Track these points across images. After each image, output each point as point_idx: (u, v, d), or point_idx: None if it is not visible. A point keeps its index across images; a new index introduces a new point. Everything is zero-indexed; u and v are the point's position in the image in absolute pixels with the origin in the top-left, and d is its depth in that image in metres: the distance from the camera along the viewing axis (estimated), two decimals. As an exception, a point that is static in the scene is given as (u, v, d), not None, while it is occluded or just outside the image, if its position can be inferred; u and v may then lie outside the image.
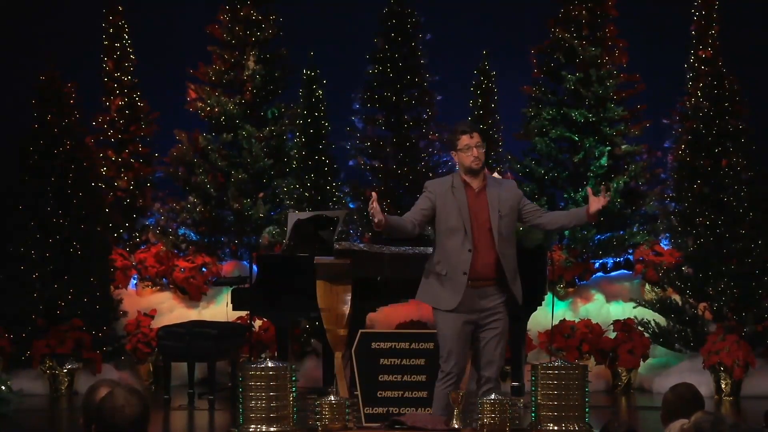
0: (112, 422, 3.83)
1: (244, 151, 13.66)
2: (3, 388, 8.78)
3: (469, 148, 6.72)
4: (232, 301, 10.06)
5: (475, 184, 6.77)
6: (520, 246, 7.06)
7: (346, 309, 7.90)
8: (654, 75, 14.00)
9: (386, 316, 11.95)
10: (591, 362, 11.47)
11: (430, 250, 8.08)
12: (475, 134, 6.77)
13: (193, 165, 13.70)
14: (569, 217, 7.02)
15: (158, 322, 11.78)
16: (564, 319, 11.83)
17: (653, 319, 11.63)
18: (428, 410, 6.90)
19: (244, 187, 13.61)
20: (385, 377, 7.00)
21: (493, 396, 6.15)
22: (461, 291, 6.64)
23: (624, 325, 11.59)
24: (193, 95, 13.86)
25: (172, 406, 10.52)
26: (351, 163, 13.81)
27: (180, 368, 11.00)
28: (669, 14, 14.80)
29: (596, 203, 6.75)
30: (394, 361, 7.04)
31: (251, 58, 13.93)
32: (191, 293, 12.91)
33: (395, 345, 7.04)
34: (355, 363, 7.00)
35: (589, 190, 6.99)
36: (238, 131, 13.67)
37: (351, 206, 13.48)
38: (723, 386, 10.95)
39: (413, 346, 7.04)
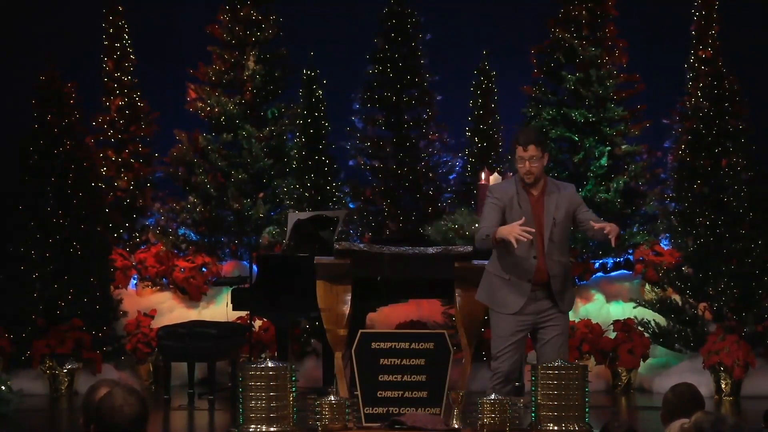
0: (111, 422, 3.83)
1: (244, 151, 13.65)
2: (3, 388, 8.78)
3: (522, 161, 6.76)
4: (232, 301, 10.06)
5: (535, 190, 6.83)
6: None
7: (346, 309, 7.88)
8: (654, 75, 13.98)
9: (386, 316, 11.95)
10: (591, 362, 11.46)
11: (430, 250, 8.07)
12: (531, 147, 6.71)
13: (193, 165, 13.70)
14: (592, 231, 6.81)
15: (158, 322, 11.77)
16: (564, 319, 11.82)
17: (653, 319, 11.62)
18: (428, 410, 6.90)
19: (244, 187, 13.60)
20: (385, 377, 6.98)
21: (493, 396, 6.15)
22: (524, 297, 6.76)
23: (624, 325, 11.58)
24: (193, 95, 13.86)
25: (172, 406, 10.51)
26: (351, 163, 13.82)
27: (180, 368, 10.99)
28: (669, 14, 14.78)
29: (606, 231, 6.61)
30: (394, 361, 7.03)
31: (251, 58, 13.92)
32: (191, 293, 12.90)
33: (395, 345, 7.03)
34: (355, 363, 6.99)
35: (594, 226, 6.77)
36: (238, 131, 13.67)
37: (351, 206, 13.48)
38: (723, 386, 10.95)
39: (413, 346, 7.03)
